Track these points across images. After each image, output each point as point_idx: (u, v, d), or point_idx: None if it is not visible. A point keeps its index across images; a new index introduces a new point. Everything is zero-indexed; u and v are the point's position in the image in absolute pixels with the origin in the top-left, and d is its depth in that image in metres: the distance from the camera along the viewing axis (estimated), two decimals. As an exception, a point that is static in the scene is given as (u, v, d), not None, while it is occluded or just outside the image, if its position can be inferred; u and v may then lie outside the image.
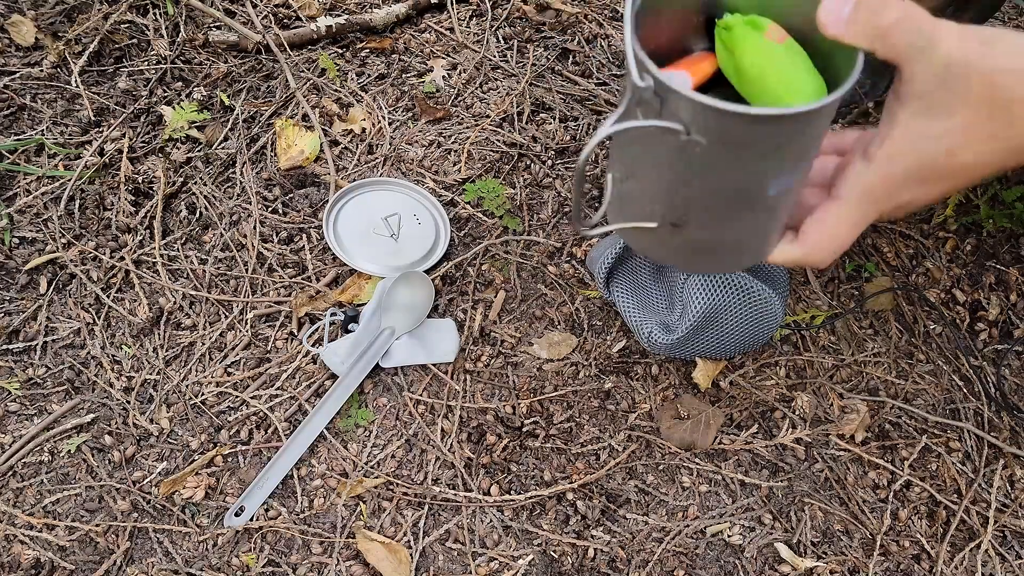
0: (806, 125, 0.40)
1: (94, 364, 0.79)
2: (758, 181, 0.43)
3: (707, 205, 0.45)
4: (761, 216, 0.46)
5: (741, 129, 0.39)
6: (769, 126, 0.39)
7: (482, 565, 0.70)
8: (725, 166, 0.42)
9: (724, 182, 0.43)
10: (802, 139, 0.41)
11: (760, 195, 0.44)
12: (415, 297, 0.81)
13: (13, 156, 0.91)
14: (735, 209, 0.45)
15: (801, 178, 0.45)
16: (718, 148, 0.40)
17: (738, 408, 0.79)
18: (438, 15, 1.11)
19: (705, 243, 0.49)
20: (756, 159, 0.41)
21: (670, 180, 0.44)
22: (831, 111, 0.41)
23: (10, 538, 0.69)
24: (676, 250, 0.51)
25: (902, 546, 0.72)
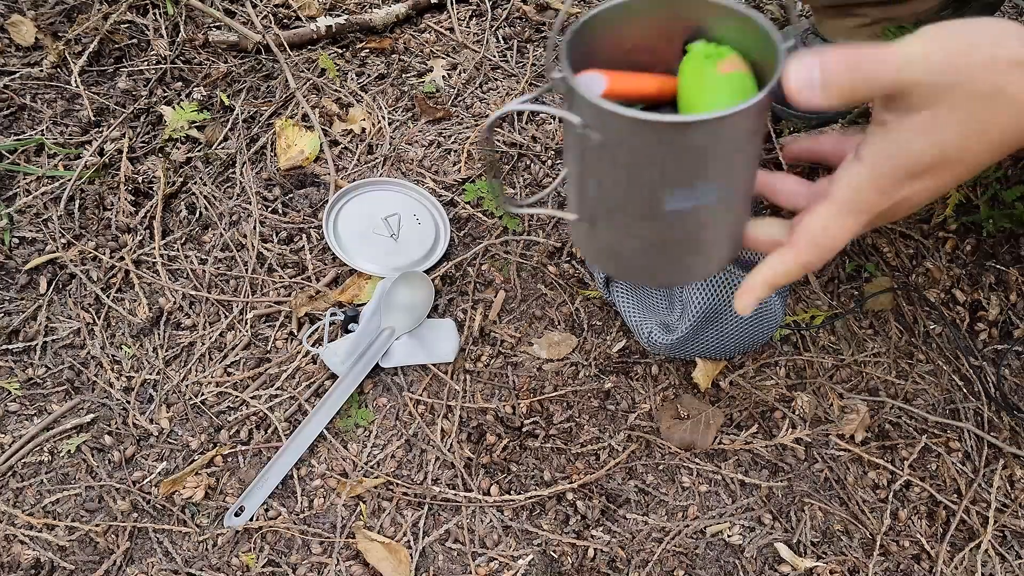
0: (682, 139, 0.40)
1: (94, 364, 0.79)
2: (649, 191, 0.43)
3: (609, 206, 0.46)
4: (663, 231, 0.47)
5: (620, 130, 0.40)
6: (643, 131, 0.40)
7: (482, 565, 0.70)
8: (616, 168, 0.43)
9: (618, 185, 0.44)
10: (689, 156, 0.41)
11: (656, 207, 0.44)
12: (415, 297, 0.81)
13: (13, 156, 0.91)
14: (633, 217, 0.46)
15: (710, 204, 0.45)
16: (609, 148, 0.42)
17: (738, 408, 0.79)
18: (438, 15, 1.11)
19: (615, 248, 0.50)
20: (642, 166, 0.42)
21: (578, 174, 0.46)
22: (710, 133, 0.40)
23: (10, 538, 0.69)
24: (595, 250, 0.52)
25: (902, 546, 0.72)
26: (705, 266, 0.52)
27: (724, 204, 0.46)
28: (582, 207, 0.49)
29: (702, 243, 0.49)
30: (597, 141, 0.42)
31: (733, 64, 0.45)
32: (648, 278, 0.54)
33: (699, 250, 0.49)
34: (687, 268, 0.51)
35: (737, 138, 0.42)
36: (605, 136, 0.42)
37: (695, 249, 0.49)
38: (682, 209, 0.44)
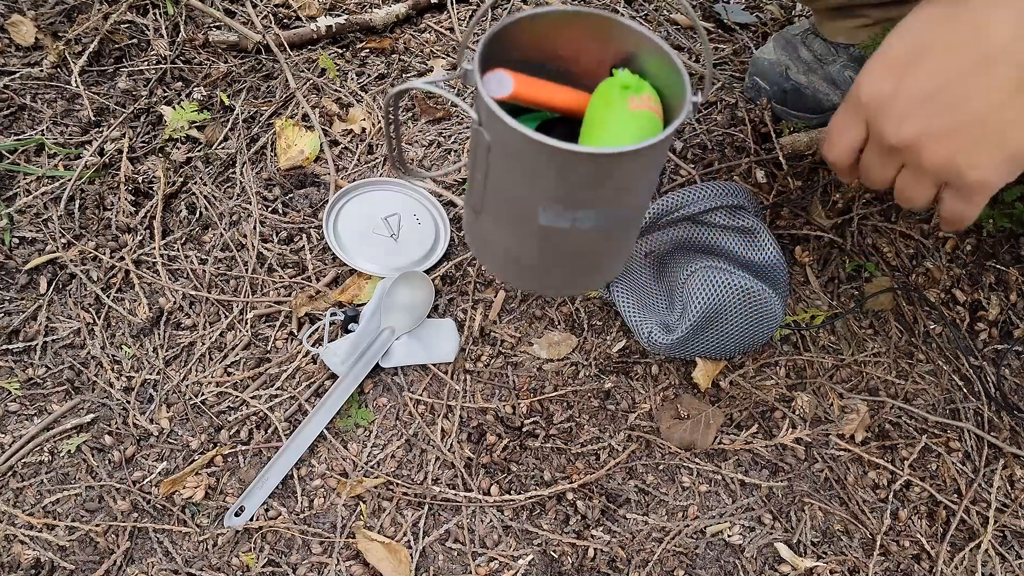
0: (563, 165, 0.41)
1: (94, 364, 0.79)
2: (526, 200, 0.44)
3: (492, 201, 0.47)
4: (535, 240, 0.47)
5: (506, 138, 0.41)
6: (526, 147, 0.40)
7: (482, 565, 0.70)
8: (500, 171, 0.44)
9: (500, 188, 0.45)
10: (567, 182, 0.42)
11: (530, 219, 0.45)
12: (415, 297, 0.81)
13: (13, 156, 0.91)
14: (510, 219, 0.47)
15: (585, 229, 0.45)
16: (497, 148, 0.43)
17: (738, 408, 0.79)
18: (438, 15, 1.11)
19: (491, 243, 0.51)
20: (522, 178, 0.43)
21: (473, 163, 0.47)
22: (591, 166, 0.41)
23: (10, 538, 0.69)
24: (476, 237, 0.53)
25: (902, 546, 0.72)
26: (573, 284, 0.53)
27: (601, 230, 0.47)
28: (470, 195, 0.50)
29: (572, 262, 0.49)
30: (488, 140, 0.43)
31: (645, 102, 0.46)
32: (516, 280, 0.55)
33: (568, 268, 0.50)
34: (555, 281, 0.52)
35: (619, 175, 0.43)
36: (497, 139, 0.42)
37: (564, 266, 0.50)
38: (555, 226, 0.45)
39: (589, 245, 0.48)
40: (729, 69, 1.07)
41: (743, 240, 0.77)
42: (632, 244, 0.53)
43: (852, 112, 0.51)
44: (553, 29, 0.47)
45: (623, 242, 0.51)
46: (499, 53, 0.45)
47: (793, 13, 1.14)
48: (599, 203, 0.44)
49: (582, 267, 0.50)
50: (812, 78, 0.96)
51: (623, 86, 0.46)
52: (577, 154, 0.40)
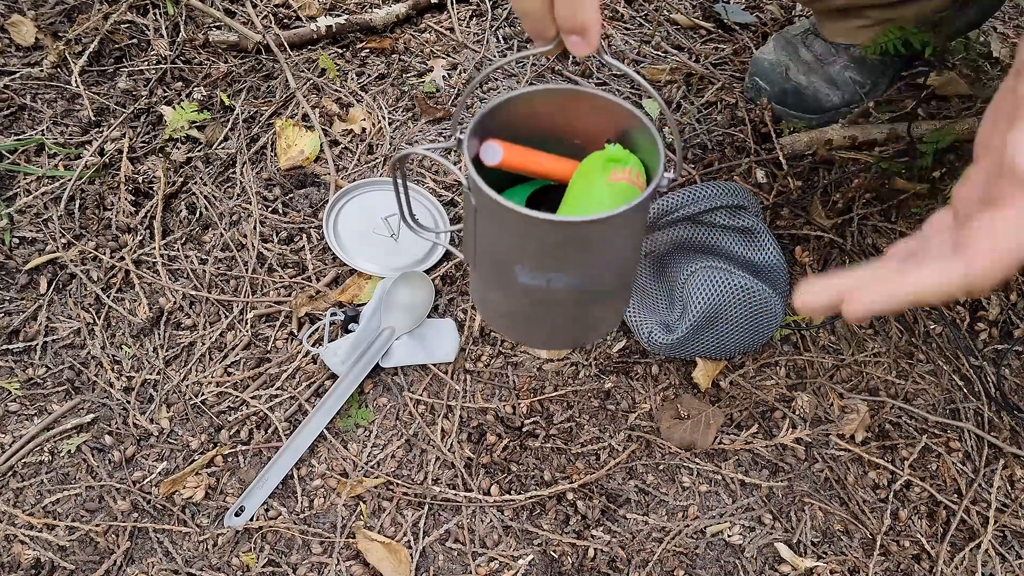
0: (532, 231, 0.44)
1: (94, 364, 0.79)
2: (506, 260, 0.48)
3: (481, 258, 0.51)
4: (517, 296, 0.50)
5: (485, 202, 0.45)
6: (500, 212, 0.44)
7: (482, 565, 0.70)
8: (484, 231, 0.48)
9: (487, 244, 0.49)
10: (538, 246, 0.45)
11: (510, 274, 0.48)
12: (415, 297, 0.81)
13: (13, 156, 0.91)
14: (494, 276, 0.50)
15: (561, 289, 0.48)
16: (481, 211, 0.46)
17: (738, 408, 0.79)
18: (438, 15, 1.11)
19: (484, 294, 0.54)
20: (501, 235, 0.46)
21: (466, 224, 0.51)
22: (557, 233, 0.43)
23: (10, 538, 0.69)
24: (474, 291, 0.57)
25: (902, 546, 0.72)
26: (562, 339, 0.57)
27: (577, 292, 0.49)
28: (466, 252, 0.54)
29: (556, 318, 0.52)
30: (473, 203, 0.47)
31: (625, 175, 0.48)
32: (508, 332, 0.59)
33: (553, 323, 0.53)
34: (544, 336, 0.56)
35: (583, 241, 0.45)
36: (478, 201, 0.46)
37: (549, 321, 0.53)
38: (532, 284, 0.48)
39: (566, 304, 0.50)
40: (729, 69, 1.07)
41: (743, 240, 0.77)
42: (622, 304, 0.56)
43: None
44: (548, 106, 0.50)
45: (606, 302, 0.53)
46: (499, 123, 0.49)
47: (793, 13, 1.14)
48: (568, 266, 0.47)
49: (565, 323, 0.53)
50: (812, 78, 0.96)
51: (608, 159, 0.48)
52: (538, 221, 0.42)
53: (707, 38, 1.11)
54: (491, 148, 0.49)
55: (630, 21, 1.12)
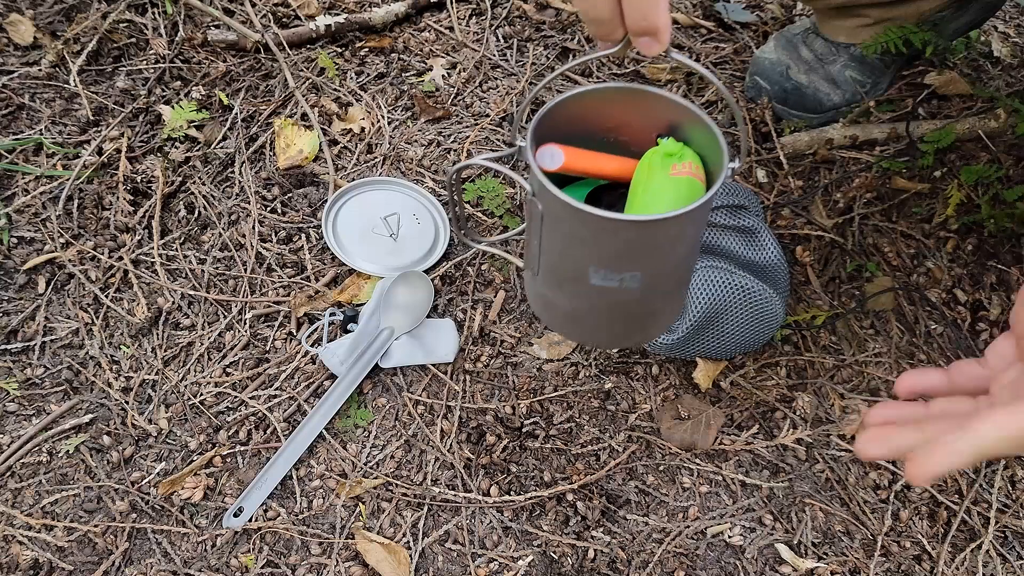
0: (605, 231, 0.44)
1: (92, 364, 0.79)
2: (577, 264, 0.48)
3: (547, 266, 0.51)
4: (588, 298, 0.50)
5: (555, 207, 0.45)
6: (572, 215, 0.44)
7: (482, 566, 0.69)
8: (552, 236, 0.48)
9: (554, 251, 0.49)
10: (611, 246, 0.45)
11: (582, 276, 0.48)
12: (414, 297, 0.81)
13: (11, 155, 0.91)
14: (564, 279, 0.50)
15: (633, 287, 0.48)
16: (549, 216, 0.46)
17: (739, 408, 0.78)
18: (437, 14, 1.11)
19: (550, 301, 0.54)
20: (571, 242, 0.46)
21: (529, 230, 0.51)
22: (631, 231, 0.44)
23: (9, 538, 0.69)
24: (536, 297, 0.57)
25: (903, 547, 0.72)
26: (630, 337, 0.57)
27: (648, 289, 0.50)
28: (528, 258, 0.54)
29: (625, 317, 0.53)
30: (540, 209, 0.47)
31: (686, 169, 0.49)
32: (576, 335, 0.59)
33: (622, 322, 0.54)
34: (611, 335, 0.56)
35: (662, 239, 0.46)
36: (547, 208, 0.46)
37: (618, 321, 0.53)
38: (605, 285, 0.48)
39: (639, 302, 0.51)
40: (729, 68, 1.07)
41: (744, 240, 0.76)
42: (682, 299, 0.56)
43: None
44: (599, 105, 0.50)
45: (673, 296, 0.54)
46: (551, 127, 0.49)
47: (794, 12, 1.14)
48: (643, 264, 0.47)
49: (635, 321, 0.54)
50: (813, 77, 0.95)
51: (666, 154, 0.49)
52: (615, 222, 0.43)
53: (707, 37, 1.11)
54: (551, 153, 0.49)
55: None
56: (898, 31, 0.87)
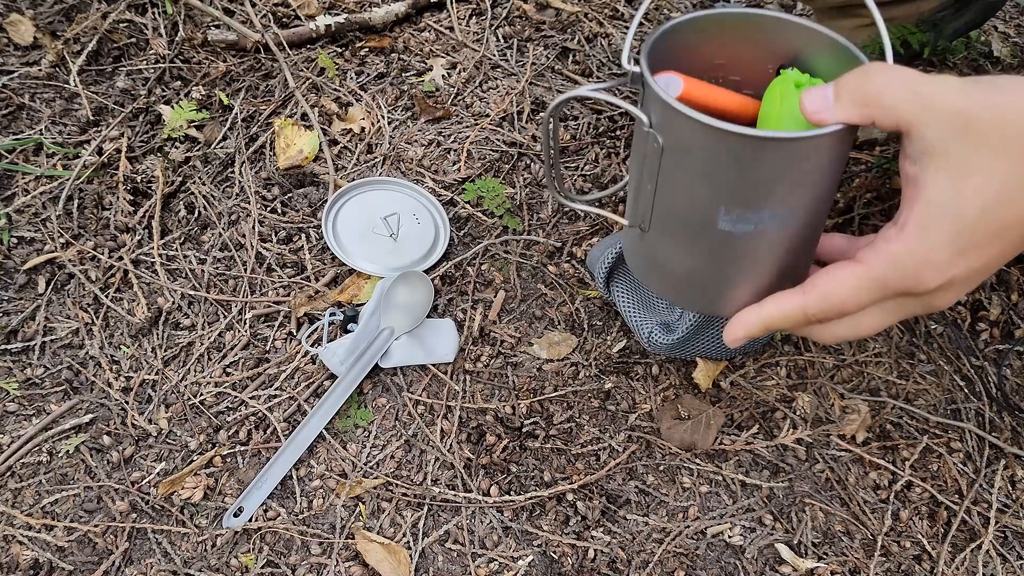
0: (752, 155, 0.38)
1: (92, 364, 0.79)
2: (704, 205, 0.42)
3: (662, 215, 0.45)
4: (713, 252, 0.45)
5: (688, 134, 0.39)
6: (712, 139, 0.38)
7: (482, 566, 0.69)
8: (675, 174, 0.42)
9: (674, 193, 0.43)
10: (755, 176, 0.39)
11: (709, 222, 0.43)
12: (414, 297, 0.81)
13: (11, 155, 0.91)
14: (685, 228, 0.45)
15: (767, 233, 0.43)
16: (673, 152, 0.41)
17: (739, 408, 0.78)
18: (437, 14, 1.11)
19: (660, 260, 0.48)
20: (701, 174, 0.41)
21: (639, 178, 0.45)
22: (783, 154, 0.39)
23: (8, 538, 0.69)
24: (641, 258, 0.51)
25: (903, 547, 0.72)
26: (752, 297, 0.48)
27: (786, 233, 0.43)
28: (635, 211, 0.47)
29: (755, 274, 0.46)
30: (662, 143, 0.41)
31: None
32: (689, 301, 0.51)
33: (752, 281, 0.46)
34: (729, 298, 0.48)
35: (809, 168, 0.40)
36: (672, 139, 0.40)
37: (748, 279, 0.46)
38: (734, 232, 0.42)
39: (771, 253, 0.44)
40: (729, 68, 1.06)
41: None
42: (813, 252, 0.48)
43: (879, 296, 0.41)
44: (715, 32, 0.45)
45: (810, 246, 0.47)
46: (660, 54, 0.44)
47: (793, 12, 1.14)
48: (785, 200, 0.41)
49: (765, 278, 0.46)
50: (813, 77, 0.95)
51: (796, 83, 0.44)
52: (764, 140, 0.37)
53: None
54: (668, 80, 0.43)
55: (631, 20, 1.12)
56: (897, 31, 0.87)
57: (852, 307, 0.41)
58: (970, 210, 0.36)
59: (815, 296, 0.42)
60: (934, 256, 0.38)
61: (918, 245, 0.38)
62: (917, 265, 0.38)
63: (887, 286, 0.40)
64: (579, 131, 0.97)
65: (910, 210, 0.38)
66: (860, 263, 0.40)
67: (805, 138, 0.38)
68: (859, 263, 0.40)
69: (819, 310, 0.42)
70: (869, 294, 0.40)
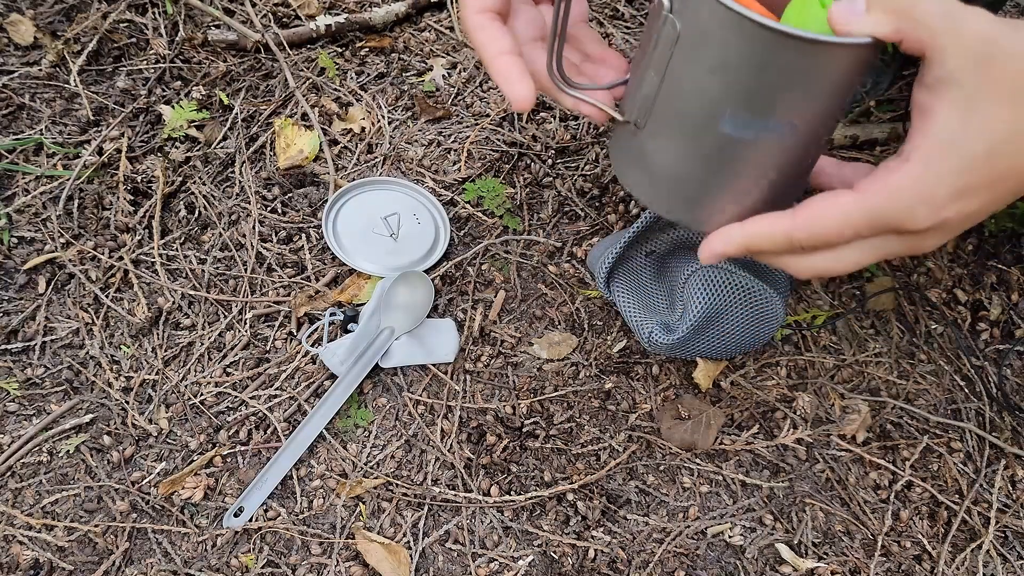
0: (775, 53, 0.37)
1: (93, 364, 0.79)
2: (712, 103, 0.40)
3: (662, 110, 0.43)
4: (710, 155, 0.43)
5: (710, 20, 0.37)
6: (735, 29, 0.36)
7: (482, 566, 0.69)
8: (684, 65, 0.40)
9: (679, 85, 0.41)
10: (770, 75, 0.38)
11: (711, 123, 0.41)
12: (415, 297, 0.81)
13: (12, 155, 0.91)
14: (684, 128, 0.43)
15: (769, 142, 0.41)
16: (687, 39, 0.39)
17: (739, 408, 0.78)
18: (438, 14, 1.11)
19: (652, 162, 0.46)
20: (714, 68, 0.39)
21: (645, 66, 0.43)
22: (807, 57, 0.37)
23: (9, 538, 0.69)
24: (631, 159, 0.48)
25: (903, 547, 0.72)
26: (735, 215, 0.46)
27: (779, 151, 0.42)
28: (632, 104, 0.45)
29: (739, 186, 0.44)
30: (679, 30, 0.39)
31: None
32: (670, 208, 0.48)
33: (732, 193, 0.45)
34: (712, 211, 0.46)
35: (824, 80, 0.38)
36: (691, 25, 0.38)
37: (729, 190, 0.45)
38: (735, 136, 0.41)
39: (768, 166, 0.43)
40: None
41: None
42: (805, 184, 0.47)
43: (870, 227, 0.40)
44: None
45: (805, 169, 0.45)
46: None
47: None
48: (791, 111, 0.40)
49: (754, 195, 0.45)
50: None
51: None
52: (793, 39, 0.36)
53: None
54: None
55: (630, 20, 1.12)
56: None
57: (839, 237, 0.40)
58: (977, 148, 0.36)
59: (803, 219, 0.41)
60: (934, 191, 0.37)
61: (919, 178, 0.37)
62: (914, 199, 0.37)
63: (880, 218, 0.39)
64: (579, 131, 0.97)
65: (916, 140, 0.37)
66: (856, 191, 0.39)
67: (832, 43, 0.37)
68: (854, 191, 0.39)
69: (806, 235, 0.41)
70: (860, 225, 0.39)
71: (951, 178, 0.37)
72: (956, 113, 0.36)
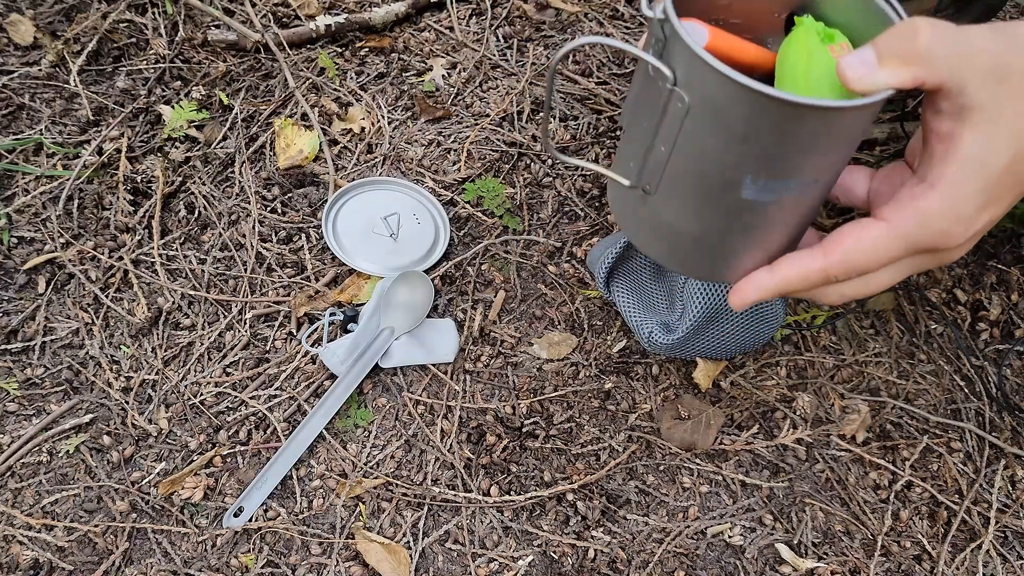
0: (798, 124, 0.36)
1: (93, 364, 0.79)
2: (730, 169, 0.39)
3: (676, 177, 0.41)
4: (729, 219, 0.42)
5: (712, 93, 0.36)
6: (754, 105, 0.35)
7: (482, 566, 0.69)
8: (700, 137, 0.38)
9: (696, 158, 0.39)
10: (788, 141, 0.37)
11: (730, 189, 0.40)
12: (414, 297, 0.81)
13: (11, 155, 0.91)
14: (701, 194, 0.41)
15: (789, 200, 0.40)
16: (698, 112, 0.37)
17: (739, 408, 0.78)
18: (438, 14, 1.11)
19: (667, 225, 0.45)
20: (731, 140, 0.37)
21: (650, 135, 0.41)
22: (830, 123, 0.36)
23: (9, 538, 0.69)
24: (641, 222, 0.47)
25: (903, 547, 0.72)
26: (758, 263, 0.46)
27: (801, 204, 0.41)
28: (641, 172, 0.43)
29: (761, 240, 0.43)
30: (688, 103, 0.37)
31: (846, 50, 0.41)
32: (689, 267, 0.48)
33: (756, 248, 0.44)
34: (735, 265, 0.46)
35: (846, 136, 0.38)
36: (701, 100, 0.37)
37: (752, 247, 0.44)
38: (756, 200, 0.39)
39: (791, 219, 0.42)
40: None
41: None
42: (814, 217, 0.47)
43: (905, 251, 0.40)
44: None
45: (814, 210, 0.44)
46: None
47: (794, 12, 1.14)
48: (815, 169, 0.39)
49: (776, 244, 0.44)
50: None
51: (822, 36, 0.40)
52: (822, 110, 0.34)
53: None
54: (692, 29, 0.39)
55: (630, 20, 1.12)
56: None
57: (875, 266, 0.40)
58: (1001, 161, 0.36)
59: (838, 257, 0.40)
60: (963, 212, 0.37)
61: (950, 203, 0.37)
62: (947, 221, 0.38)
63: (914, 244, 0.39)
64: (579, 131, 0.97)
65: (943, 167, 0.37)
66: (885, 221, 0.39)
67: (856, 107, 0.36)
68: (883, 221, 0.39)
69: (842, 271, 0.41)
70: (895, 253, 0.39)
71: (979, 195, 0.37)
72: (982, 137, 0.36)
